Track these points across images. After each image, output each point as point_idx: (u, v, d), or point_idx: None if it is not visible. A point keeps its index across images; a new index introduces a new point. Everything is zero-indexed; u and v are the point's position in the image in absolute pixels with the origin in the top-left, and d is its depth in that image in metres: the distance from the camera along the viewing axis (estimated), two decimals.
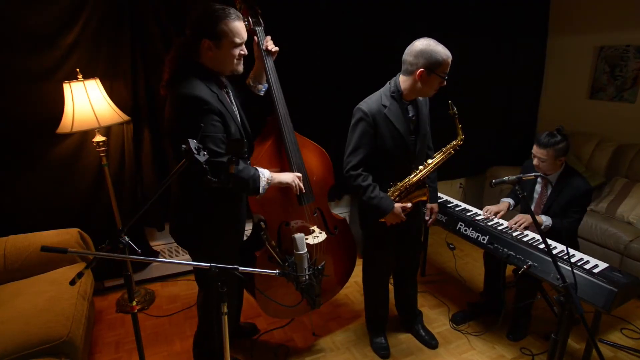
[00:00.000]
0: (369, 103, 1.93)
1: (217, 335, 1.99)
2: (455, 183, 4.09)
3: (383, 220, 2.02)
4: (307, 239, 2.07)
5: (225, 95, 1.72)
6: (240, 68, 1.70)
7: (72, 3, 2.33)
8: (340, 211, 3.58)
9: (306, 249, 1.66)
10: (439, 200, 2.74)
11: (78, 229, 2.43)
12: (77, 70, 2.29)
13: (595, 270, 1.92)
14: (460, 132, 2.00)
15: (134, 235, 2.83)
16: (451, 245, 3.07)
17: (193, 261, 1.92)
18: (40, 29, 2.29)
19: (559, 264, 1.93)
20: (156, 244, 2.98)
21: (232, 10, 1.60)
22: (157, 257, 2.97)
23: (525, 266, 2.05)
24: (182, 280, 3.07)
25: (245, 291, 2.33)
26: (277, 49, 1.95)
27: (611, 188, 3.21)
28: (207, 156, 1.33)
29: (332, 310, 2.73)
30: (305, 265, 1.65)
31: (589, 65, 3.61)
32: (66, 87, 2.24)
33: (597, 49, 3.54)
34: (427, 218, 2.31)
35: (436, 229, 3.68)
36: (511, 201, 2.52)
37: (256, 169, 1.74)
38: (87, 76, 2.33)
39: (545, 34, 3.90)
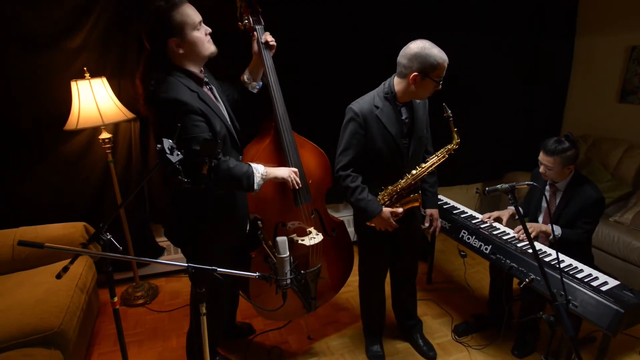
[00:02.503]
0: (361, 103, 1.88)
1: (211, 330, 1.99)
2: (471, 188, 3.94)
3: (372, 224, 1.97)
4: (303, 240, 2.05)
5: (209, 92, 1.70)
6: (214, 47, 1.64)
7: (82, 4, 2.40)
8: (348, 213, 3.53)
9: (288, 253, 1.62)
10: (445, 206, 2.65)
11: (84, 223, 2.51)
12: (85, 69, 2.36)
13: (604, 288, 1.78)
14: (456, 135, 1.92)
15: (141, 231, 2.90)
16: (462, 253, 2.95)
17: (186, 259, 1.94)
18: (51, 29, 2.38)
19: (563, 279, 1.82)
20: (162, 240, 3.03)
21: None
22: (162, 254, 3.03)
23: (527, 279, 1.93)
24: (186, 276, 3.11)
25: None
26: (275, 43, 1.94)
27: (638, 198, 2.99)
28: (180, 156, 1.32)
29: (331, 314, 2.69)
30: (287, 269, 1.62)
31: (620, 67, 3.37)
32: (73, 85, 2.31)
33: (628, 49, 3.30)
34: (426, 224, 2.22)
35: None
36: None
37: (249, 165, 1.72)
38: (97, 75, 2.40)
39: (573, 33, 3.69)
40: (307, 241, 2.05)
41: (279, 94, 1.98)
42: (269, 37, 1.91)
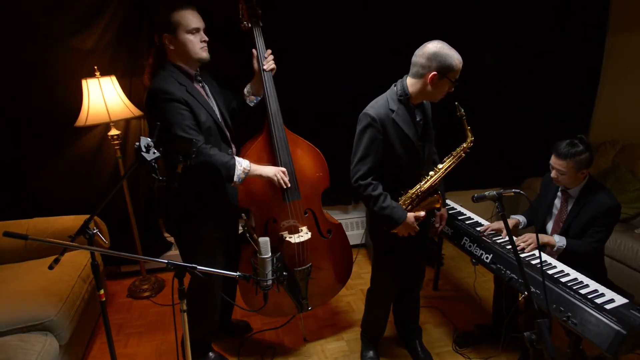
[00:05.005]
0: (376, 108, 1.81)
1: (203, 325, 2.07)
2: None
3: (395, 231, 1.90)
4: (290, 237, 2.05)
5: (200, 88, 1.82)
6: (205, 54, 1.78)
7: (95, 6, 2.49)
8: (357, 215, 3.48)
9: (270, 254, 1.61)
10: (450, 211, 2.56)
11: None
12: (95, 67, 2.44)
13: (608, 306, 1.65)
14: (470, 133, 1.87)
15: (149, 226, 2.98)
16: (474, 260, 2.84)
17: (179, 250, 2.03)
18: (67, 29, 2.48)
19: (567, 296, 1.71)
20: (169, 235, 3.10)
21: (183, 2, 1.72)
22: (170, 248, 3.10)
23: (526, 292, 1.82)
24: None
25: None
26: (274, 66, 2.01)
27: None
28: (156, 154, 1.34)
29: (329, 316, 2.66)
30: (268, 269, 1.61)
31: None
32: (84, 83, 2.41)
33: None
34: (437, 225, 2.15)
35: None
36: (521, 218, 2.27)
37: (232, 157, 1.79)
38: (109, 73, 2.50)
39: (605, 30, 3.45)
40: (294, 239, 2.05)
41: (272, 90, 2.01)
42: (271, 64, 1.98)
